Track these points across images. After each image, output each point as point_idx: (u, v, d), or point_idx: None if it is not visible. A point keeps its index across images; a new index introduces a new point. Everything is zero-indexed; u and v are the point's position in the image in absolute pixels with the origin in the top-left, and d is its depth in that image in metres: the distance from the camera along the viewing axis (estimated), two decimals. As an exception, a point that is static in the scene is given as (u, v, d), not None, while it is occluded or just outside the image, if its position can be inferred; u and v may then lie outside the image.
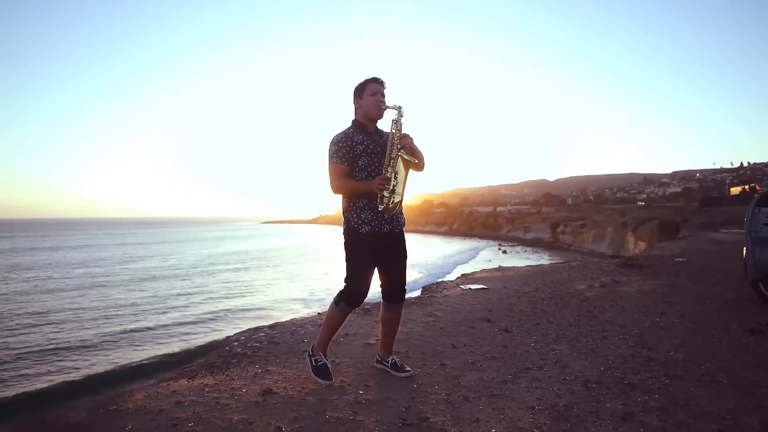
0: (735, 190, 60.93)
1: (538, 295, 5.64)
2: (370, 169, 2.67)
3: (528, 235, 51.95)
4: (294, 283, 20.64)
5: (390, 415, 2.32)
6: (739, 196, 47.83)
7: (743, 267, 5.37)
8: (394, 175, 2.59)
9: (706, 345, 3.53)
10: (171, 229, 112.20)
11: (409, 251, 2.89)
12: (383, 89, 2.71)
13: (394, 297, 2.82)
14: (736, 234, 14.44)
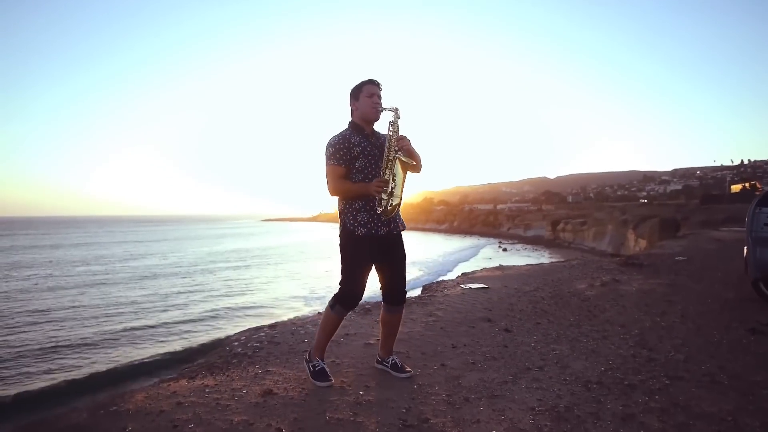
0: (735, 187, 60.85)
1: (538, 294, 5.64)
2: (367, 171, 2.66)
3: (528, 233, 51.93)
4: (294, 281, 20.66)
5: (390, 416, 2.32)
6: (739, 194, 47.82)
7: (744, 266, 5.37)
8: (392, 177, 2.58)
9: (707, 345, 3.53)
10: (171, 226, 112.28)
11: (410, 249, 2.87)
12: (379, 91, 2.70)
13: (393, 299, 2.81)
14: (737, 232, 14.43)
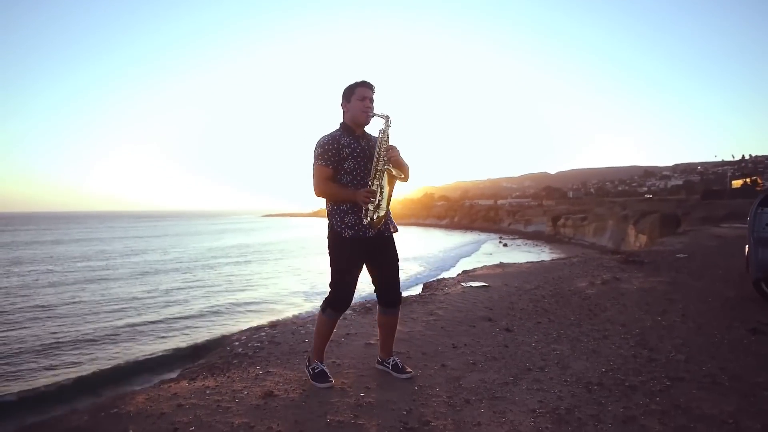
0: (736, 183, 60.76)
1: (539, 292, 5.63)
2: (355, 173, 2.63)
3: (529, 228, 51.91)
4: (295, 277, 20.69)
5: (391, 418, 2.32)
6: (740, 189, 47.77)
7: (745, 264, 5.36)
8: (379, 189, 2.56)
9: (708, 345, 3.52)
10: (171, 222, 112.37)
11: (411, 244, 2.86)
12: (372, 94, 2.65)
13: (387, 302, 2.79)
14: (737, 228, 14.41)
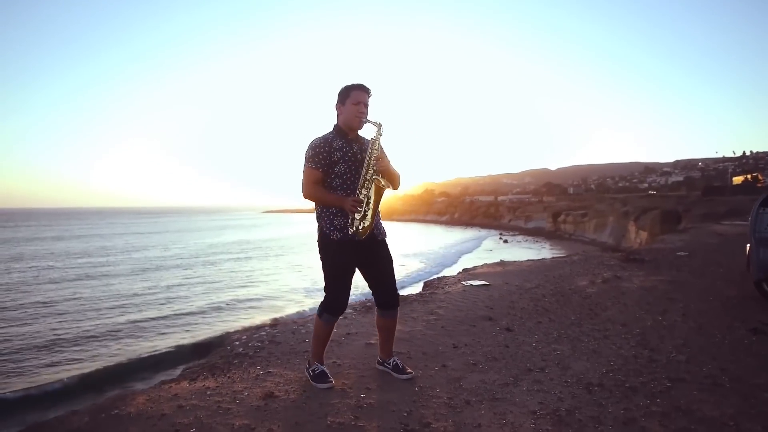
0: (737, 179, 60.67)
1: (539, 291, 5.63)
2: (346, 177, 2.61)
3: (529, 225, 51.92)
4: (296, 273, 20.73)
5: (392, 420, 2.32)
6: (741, 186, 47.75)
7: (746, 263, 5.36)
8: (366, 199, 2.54)
9: (709, 345, 3.52)
10: (172, 218, 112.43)
11: (411, 241, 2.84)
12: (367, 98, 2.63)
13: (385, 303, 2.78)
14: (738, 226, 14.39)
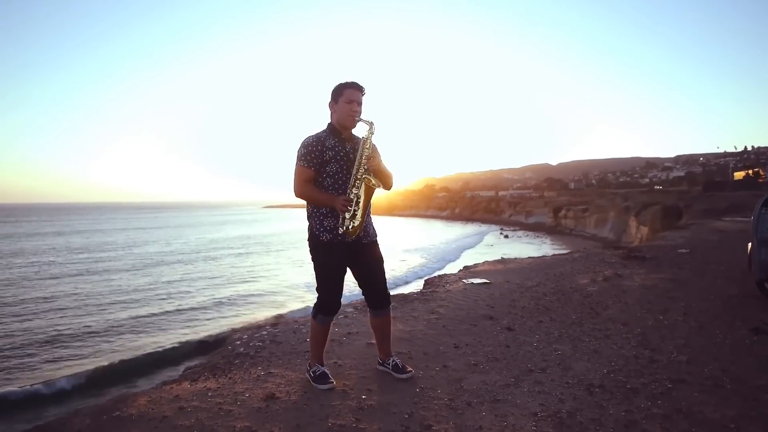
0: (738, 174, 60.45)
1: (540, 290, 5.62)
2: (338, 176, 2.60)
3: (530, 220, 51.89)
4: (297, 268, 20.77)
5: (392, 422, 2.32)
6: (742, 181, 47.58)
7: (747, 262, 5.35)
8: (356, 199, 2.53)
9: (710, 345, 3.52)
10: (172, 213, 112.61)
11: (412, 236, 2.83)
12: (361, 97, 2.61)
13: (375, 304, 2.79)
14: (739, 222, 14.37)
